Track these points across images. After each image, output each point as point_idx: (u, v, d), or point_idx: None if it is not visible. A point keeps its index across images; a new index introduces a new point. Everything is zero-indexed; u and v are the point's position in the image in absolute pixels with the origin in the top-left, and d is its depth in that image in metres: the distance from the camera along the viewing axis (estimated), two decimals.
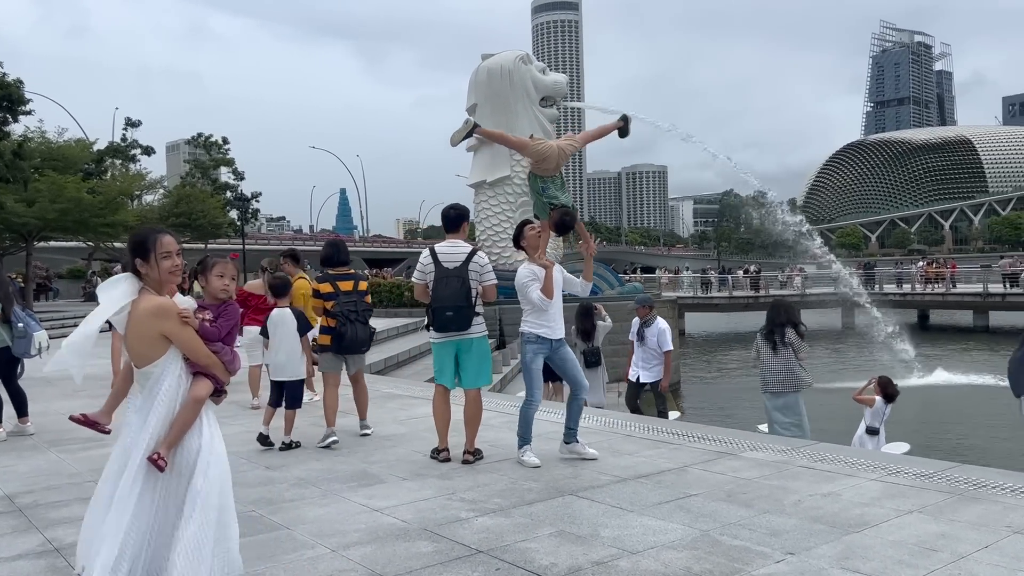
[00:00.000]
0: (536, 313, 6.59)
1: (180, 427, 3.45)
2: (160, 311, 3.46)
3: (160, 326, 3.45)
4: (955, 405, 20.96)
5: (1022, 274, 43.55)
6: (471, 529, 4.89)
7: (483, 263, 6.77)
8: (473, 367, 6.78)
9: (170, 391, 3.47)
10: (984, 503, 5.12)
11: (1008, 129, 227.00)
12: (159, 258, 3.53)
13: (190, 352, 3.54)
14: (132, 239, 3.63)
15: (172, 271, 3.59)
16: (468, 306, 6.61)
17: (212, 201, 44.05)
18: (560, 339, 6.65)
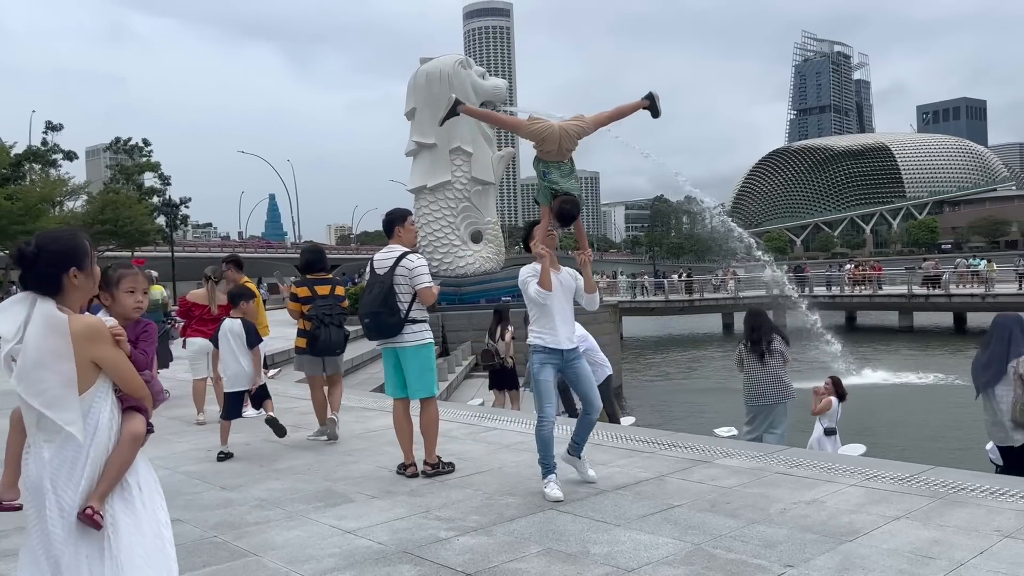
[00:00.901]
0: (539, 319, 5.96)
1: (117, 473, 2.86)
2: (94, 333, 2.84)
3: (92, 351, 2.82)
4: (890, 404, 21.49)
5: (944, 276, 45.12)
6: (453, 550, 4.64)
7: (412, 267, 6.48)
8: (414, 376, 6.53)
9: (104, 429, 2.84)
10: (968, 507, 5.10)
11: (923, 136, 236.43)
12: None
13: (124, 381, 2.93)
14: (60, 243, 2.89)
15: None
16: (386, 312, 6.39)
17: (139, 207, 42.54)
18: (572, 349, 5.99)
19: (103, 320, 2.98)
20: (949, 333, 42.26)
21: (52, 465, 2.76)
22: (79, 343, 2.79)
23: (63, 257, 2.84)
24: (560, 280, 5.94)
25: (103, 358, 2.85)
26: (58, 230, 3.00)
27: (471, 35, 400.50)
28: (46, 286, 2.82)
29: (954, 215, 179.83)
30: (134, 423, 2.95)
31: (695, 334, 50.17)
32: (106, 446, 2.85)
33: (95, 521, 2.74)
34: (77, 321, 2.82)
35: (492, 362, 11.02)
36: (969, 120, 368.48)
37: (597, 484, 5.98)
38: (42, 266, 2.82)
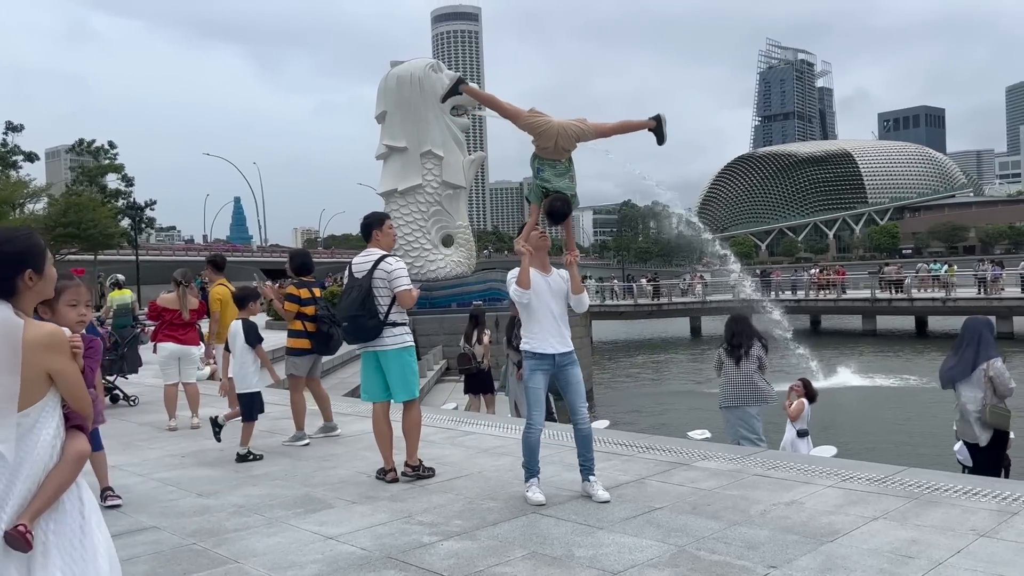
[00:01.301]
0: (528, 324, 5.85)
1: (55, 492, 2.64)
2: (53, 342, 2.65)
3: (48, 362, 2.63)
4: (857, 406, 21.80)
5: (906, 280, 45.90)
6: (438, 555, 4.63)
7: (389, 269, 6.46)
8: (396, 379, 6.52)
9: (45, 446, 2.63)
10: (943, 507, 5.20)
11: (884, 143, 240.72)
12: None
13: (74, 396, 2.73)
14: (14, 243, 2.70)
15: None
16: (364, 315, 6.39)
17: (103, 210, 41.78)
18: (564, 354, 5.80)
19: (63, 329, 2.79)
20: (911, 336, 42.99)
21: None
22: (35, 352, 2.60)
23: (18, 258, 2.67)
24: (548, 282, 5.83)
25: (59, 370, 2.67)
26: (12, 229, 2.79)
27: (439, 39, 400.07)
28: (1, 288, 2.64)
29: (914, 221, 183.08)
30: (79, 442, 2.76)
31: (663, 338, 50.49)
32: (45, 464, 2.63)
33: (26, 540, 2.51)
34: (36, 328, 2.64)
35: (468, 366, 11.00)
36: (928, 128, 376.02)
37: (577, 488, 5.96)
38: None
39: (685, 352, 42.49)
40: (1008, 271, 43.86)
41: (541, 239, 5.92)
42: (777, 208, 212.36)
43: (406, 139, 28.46)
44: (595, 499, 5.61)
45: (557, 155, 5.98)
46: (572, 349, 5.87)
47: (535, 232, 5.93)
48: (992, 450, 6.94)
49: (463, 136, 30.16)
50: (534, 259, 5.85)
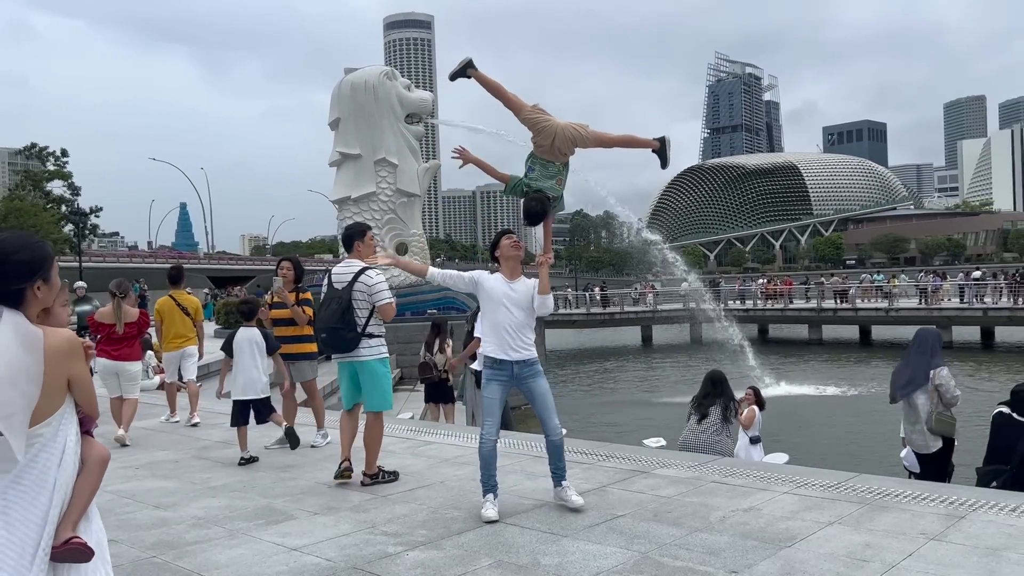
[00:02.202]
0: (487, 331, 5.82)
1: (88, 499, 2.70)
2: (73, 348, 2.66)
3: (70, 368, 2.64)
4: (805, 414, 22.25)
5: (850, 291, 47.04)
6: (404, 565, 4.63)
7: (371, 283, 6.50)
8: (370, 389, 6.56)
9: (71, 454, 2.64)
10: (894, 512, 5.37)
11: (828, 156, 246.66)
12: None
13: (88, 400, 2.75)
14: (27, 252, 2.65)
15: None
16: (343, 327, 6.40)
17: (45, 216, 40.70)
18: (523, 362, 5.70)
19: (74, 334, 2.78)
20: (855, 345, 44.02)
21: (5, 498, 2.51)
22: (58, 359, 2.60)
23: (29, 267, 2.62)
24: (512, 288, 5.75)
25: (77, 375, 2.67)
26: (24, 238, 2.72)
27: (392, 46, 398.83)
28: (9, 297, 2.58)
29: (858, 232, 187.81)
30: (98, 447, 2.79)
31: (615, 346, 50.89)
32: (72, 472, 2.64)
33: (85, 551, 2.58)
34: (55, 335, 2.62)
35: (429, 375, 10.99)
36: (871, 142, 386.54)
37: (539, 496, 6.05)
38: (7, 275, 2.58)
39: (635, 360, 42.88)
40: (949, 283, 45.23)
41: (513, 247, 5.83)
42: (725, 219, 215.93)
43: (360, 146, 28.33)
44: (569, 505, 5.61)
45: (552, 156, 5.94)
46: (534, 357, 5.79)
47: (507, 241, 5.84)
48: (939, 457, 7.17)
49: (417, 144, 30.12)
50: (504, 266, 5.85)
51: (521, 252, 5.94)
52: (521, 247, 5.95)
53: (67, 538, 2.57)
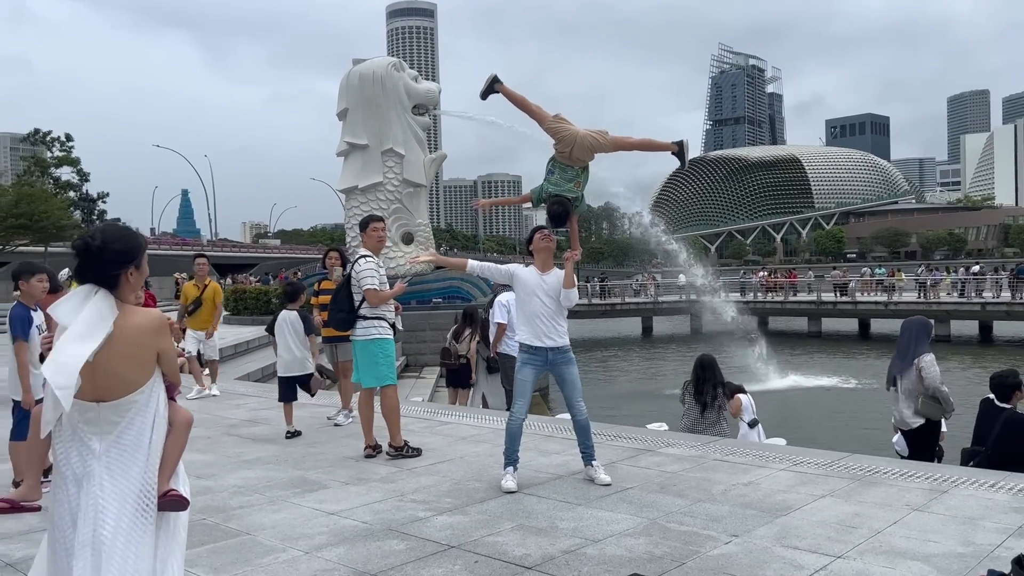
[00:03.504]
0: (520, 320, 6.30)
1: (178, 456, 3.11)
2: (160, 325, 3.06)
3: (159, 342, 3.04)
4: (803, 405, 22.72)
5: (850, 284, 47.47)
6: (434, 527, 5.09)
7: (359, 269, 7.12)
8: (363, 367, 7.17)
9: (161, 417, 3.06)
10: (882, 487, 5.82)
11: (831, 149, 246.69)
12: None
13: (173, 370, 3.16)
14: (123, 241, 3.05)
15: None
16: (336, 308, 7.21)
17: (55, 202, 41.05)
18: (557, 349, 6.12)
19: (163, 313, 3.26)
20: (855, 338, 44.47)
21: (108, 456, 2.91)
22: (148, 335, 3.00)
23: (125, 255, 3.01)
24: (544, 280, 6.16)
25: (165, 349, 3.07)
26: (121, 227, 3.21)
27: (394, 34, 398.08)
28: (106, 281, 2.97)
29: (859, 226, 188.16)
30: (183, 411, 3.22)
31: (615, 337, 51.35)
32: (163, 433, 3.05)
33: (182, 502, 3.03)
34: (145, 314, 3.04)
35: (449, 361, 11.48)
36: (873, 135, 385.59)
37: (553, 471, 6.50)
38: (106, 261, 2.96)
39: (636, 351, 43.34)
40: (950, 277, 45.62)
41: (544, 240, 6.27)
42: (727, 211, 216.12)
43: (367, 136, 28.68)
44: (598, 482, 6.01)
45: (571, 162, 6.32)
46: (567, 345, 6.21)
47: (539, 235, 6.29)
48: (925, 438, 7.62)
49: (424, 135, 30.49)
50: (537, 259, 6.28)
51: (552, 244, 6.38)
52: (553, 240, 6.40)
53: (166, 491, 3.03)
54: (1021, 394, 7.33)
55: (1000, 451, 6.94)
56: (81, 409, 2.94)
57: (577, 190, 6.42)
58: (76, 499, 2.90)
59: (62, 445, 2.98)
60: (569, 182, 6.33)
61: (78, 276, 3.07)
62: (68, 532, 2.88)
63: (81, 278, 3.03)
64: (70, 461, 2.95)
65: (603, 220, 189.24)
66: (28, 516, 5.44)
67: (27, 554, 4.72)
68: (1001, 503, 5.33)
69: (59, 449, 2.98)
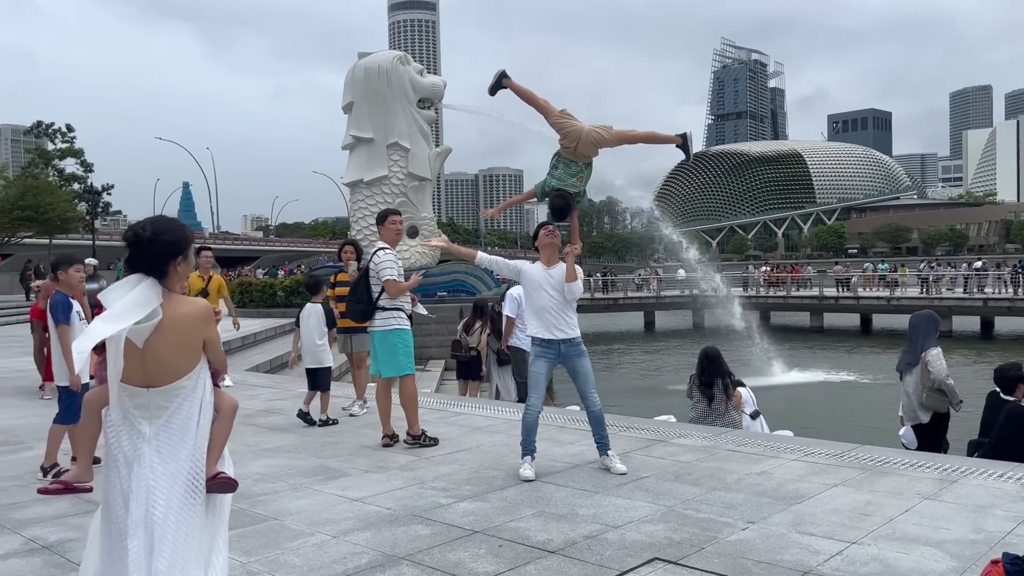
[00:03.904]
0: (529, 314, 6.41)
1: (224, 440, 3.21)
2: (207, 314, 3.17)
3: (205, 331, 3.15)
4: (809, 399, 22.84)
5: (852, 279, 47.56)
6: (457, 513, 5.22)
7: (378, 261, 7.27)
8: (382, 357, 7.32)
9: (208, 402, 3.16)
10: (893, 476, 5.94)
11: (833, 145, 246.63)
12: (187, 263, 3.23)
13: (218, 357, 3.26)
14: (172, 233, 3.16)
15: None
16: (354, 300, 7.34)
17: (60, 194, 41.14)
18: (569, 340, 6.24)
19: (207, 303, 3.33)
20: (856, 333, 44.59)
21: (158, 439, 3.01)
22: (196, 324, 3.10)
23: (174, 246, 3.11)
24: (550, 275, 6.28)
25: (211, 337, 3.17)
26: (169, 220, 3.30)
27: (396, 27, 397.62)
28: (155, 270, 3.06)
29: (860, 221, 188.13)
30: (228, 398, 3.32)
31: (618, 331, 51.48)
32: (209, 418, 3.13)
33: (230, 483, 3.13)
34: (192, 304, 3.15)
35: (459, 353, 11.61)
36: (876, 130, 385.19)
37: (569, 460, 6.63)
38: (156, 252, 3.07)
39: (639, 345, 43.48)
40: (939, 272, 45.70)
41: (549, 235, 6.36)
42: (728, 206, 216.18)
43: (373, 130, 28.78)
44: (614, 471, 6.12)
45: (576, 158, 6.46)
46: (578, 337, 6.33)
47: (543, 231, 6.38)
48: (934, 430, 7.74)
49: (429, 129, 30.57)
50: (542, 254, 6.39)
51: (557, 240, 6.44)
52: (557, 236, 6.47)
53: (215, 473, 3.14)
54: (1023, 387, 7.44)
55: (1003, 443, 7.07)
56: (132, 394, 3.06)
57: (580, 185, 6.56)
58: (128, 481, 3.00)
59: (113, 429, 3.09)
60: (572, 177, 6.47)
61: (128, 266, 3.19)
62: (121, 512, 2.99)
63: (131, 268, 3.14)
64: (121, 444, 3.05)
65: (604, 214, 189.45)
66: (58, 501, 5.57)
67: (62, 537, 4.86)
68: (1010, 492, 5.45)
69: (110, 433, 3.09)
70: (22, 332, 22.19)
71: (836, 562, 4.22)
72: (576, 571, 4.17)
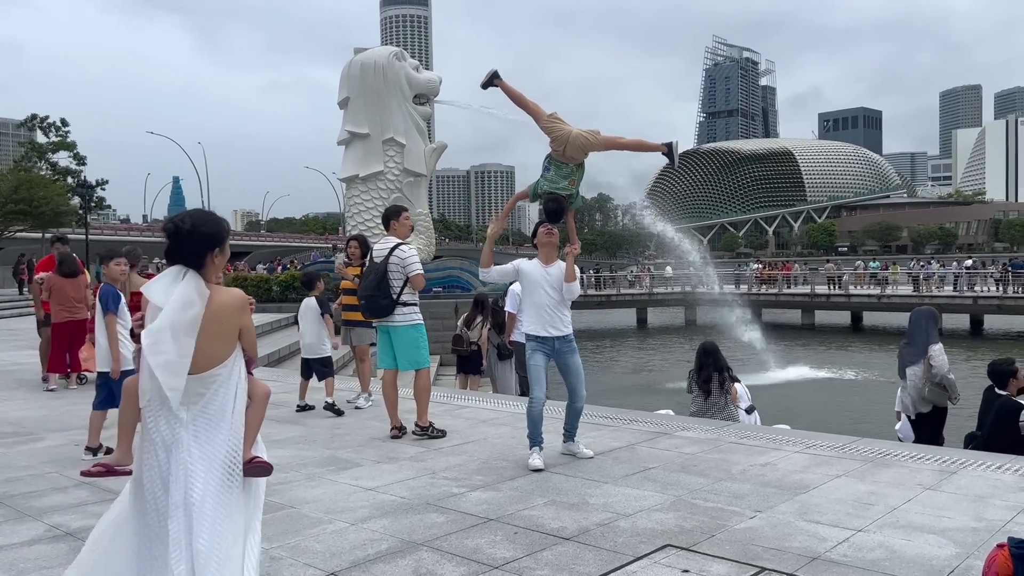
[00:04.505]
0: (527, 311, 6.52)
1: (258, 426, 3.33)
2: (244, 304, 3.28)
3: (241, 319, 3.25)
4: (802, 396, 23.04)
5: (844, 277, 47.88)
6: (470, 501, 5.33)
7: (404, 256, 7.36)
8: (401, 351, 7.39)
9: (243, 388, 3.25)
10: (894, 468, 6.09)
11: (824, 143, 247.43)
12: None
13: (252, 345, 3.35)
14: (210, 225, 3.26)
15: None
16: (379, 295, 7.27)
17: (54, 187, 40.99)
18: (561, 338, 6.42)
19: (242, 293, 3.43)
20: (847, 331, 44.90)
21: (195, 424, 3.10)
22: (232, 313, 3.20)
23: (212, 238, 3.22)
24: (547, 273, 6.44)
25: (246, 326, 3.26)
26: (207, 213, 3.40)
27: (388, 22, 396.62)
28: (193, 261, 3.18)
29: (851, 219, 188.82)
30: (260, 385, 3.42)
31: (610, 328, 51.66)
32: (243, 404, 3.23)
33: (267, 468, 3.25)
34: (227, 294, 3.24)
35: (461, 347, 11.71)
36: (866, 129, 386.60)
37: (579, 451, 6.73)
38: (194, 243, 3.18)
39: (631, 341, 43.67)
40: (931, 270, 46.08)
41: (548, 235, 6.52)
42: (719, 204, 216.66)
43: (368, 126, 28.80)
44: (579, 456, 6.47)
45: (565, 160, 6.57)
46: (571, 334, 6.51)
47: (542, 230, 6.52)
48: (932, 423, 7.90)
49: (424, 125, 30.63)
50: (540, 253, 6.53)
51: (555, 239, 6.59)
52: (555, 235, 6.60)
53: (251, 458, 3.25)
54: (1018, 381, 7.59)
55: (994, 436, 7.24)
56: (187, 379, 3.14)
57: (571, 187, 6.64)
58: (166, 464, 3.10)
59: (152, 414, 3.17)
60: (564, 179, 6.57)
61: (168, 257, 3.29)
62: (160, 495, 3.08)
63: (171, 259, 3.25)
64: (159, 429, 3.14)
65: (596, 212, 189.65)
66: (77, 490, 5.66)
67: (84, 524, 4.93)
68: (1008, 483, 5.59)
69: (149, 418, 3.18)
70: (16, 326, 22.21)
71: (843, 548, 4.35)
72: (591, 556, 4.28)
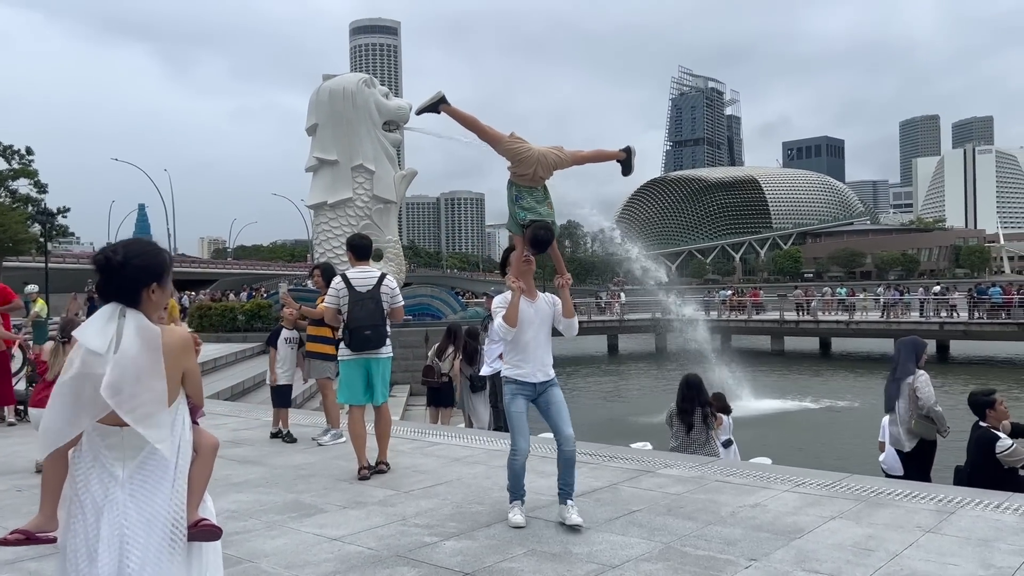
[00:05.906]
0: (512, 351, 5.75)
1: (205, 482, 2.96)
2: (188, 344, 2.92)
3: (184, 362, 2.89)
4: (777, 424, 22.84)
5: (812, 303, 48.13)
6: (444, 552, 4.93)
7: (392, 287, 7.21)
8: (382, 383, 7.19)
9: (187, 442, 2.89)
10: (889, 508, 5.79)
11: (788, 171, 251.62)
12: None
13: (198, 390, 3.01)
14: (145, 257, 2.89)
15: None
16: (382, 324, 7.08)
17: (13, 215, 39.97)
18: (545, 382, 5.73)
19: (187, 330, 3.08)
20: (817, 357, 45.02)
21: (132, 482, 2.75)
22: (176, 354, 2.84)
23: (148, 271, 2.86)
24: (535, 309, 5.76)
25: (191, 368, 2.92)
26: (145, 243, 3.01)
27: (357, 51, 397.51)
28: (126, 297, 2.83)
29: (816, 246, 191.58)
30: (207, 435, 3.03)
31: (581, 355, 51.36)
32: (188, 457, 2.88)
33: (214, 531, 2.89)
34: (171, 333, 2.87)
35: (432, 379, 11.28)
36: (829, 157, 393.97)
37: (555, 493, 6.28)
38: (126, 278, 2.83)
39: (601, 368, 43.40)
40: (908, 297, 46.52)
41: (526, 264, 5.87)
42: (687, 231, 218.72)
43: (337, 152, 28.46)
44: (568, 522, 5.41)
45: (533, 183, 5.94)
46: (554, 377, 5.86)
47: (523, 257, 5.85)
48: (921, 458, 7.64)
49: (394, 151, 30.34)
50: (530, 288, 5.85)
51: (533, 267, 5.95)
52: (532, 263, 5.93)
53: (197, 520, 2.86)
54: (994, 412, 7.34)
55: (976, 470, 7.02)
56: (103, 434, 2.79)
57: (551, 212, 6.03)
58: (95, 529, 2.72)
59: (82, 472, 2.80)
60: (541, 204, 5.93)
61: (100, 293, 2.93)
62: (84, 566, 2.70)
63: (103, 295, 2.88)
64: (90, 489, 2.77)
65: (565, 238, 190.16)
66: None
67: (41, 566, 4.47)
68: (1011, 524, 5.32)
69: (79, 476, 2.80)
70: None
71: None
72: None
